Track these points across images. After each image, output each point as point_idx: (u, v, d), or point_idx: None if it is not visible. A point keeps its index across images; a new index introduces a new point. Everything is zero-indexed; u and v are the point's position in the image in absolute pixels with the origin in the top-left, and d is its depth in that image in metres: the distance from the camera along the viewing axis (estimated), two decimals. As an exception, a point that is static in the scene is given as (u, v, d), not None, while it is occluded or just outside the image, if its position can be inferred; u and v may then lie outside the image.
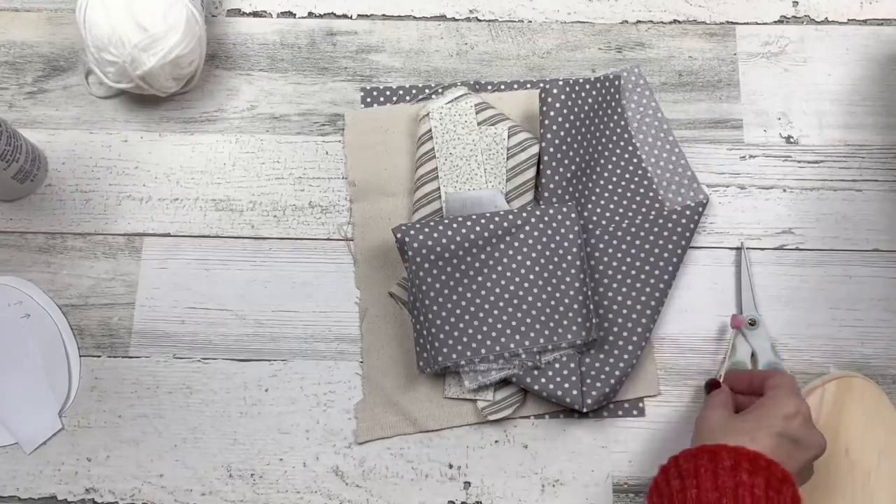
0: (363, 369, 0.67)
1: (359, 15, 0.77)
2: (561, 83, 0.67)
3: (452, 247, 0.64)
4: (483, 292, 0.65)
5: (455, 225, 0.64)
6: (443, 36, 0.76)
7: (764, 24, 0.77)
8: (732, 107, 0.74)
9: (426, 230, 0.64)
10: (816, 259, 0.70)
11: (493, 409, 0.65)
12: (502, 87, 0.74)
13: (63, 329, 0.68)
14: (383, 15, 0.77)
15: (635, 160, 0.70)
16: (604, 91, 0.70)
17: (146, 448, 0.66)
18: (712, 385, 0.62)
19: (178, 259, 0.70)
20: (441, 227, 0.64)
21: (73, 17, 0.68)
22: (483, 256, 0.65)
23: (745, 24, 0.76)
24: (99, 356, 0.68)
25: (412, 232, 0.63)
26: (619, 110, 0.72)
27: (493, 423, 0.66)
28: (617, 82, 0.72)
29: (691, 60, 0.75)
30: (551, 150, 0.67)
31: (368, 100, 0.74)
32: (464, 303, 0.64)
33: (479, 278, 0.65)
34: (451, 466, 0.65)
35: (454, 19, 0.77)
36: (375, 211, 0.71)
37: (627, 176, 0.70)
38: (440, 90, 0.74)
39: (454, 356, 0.63)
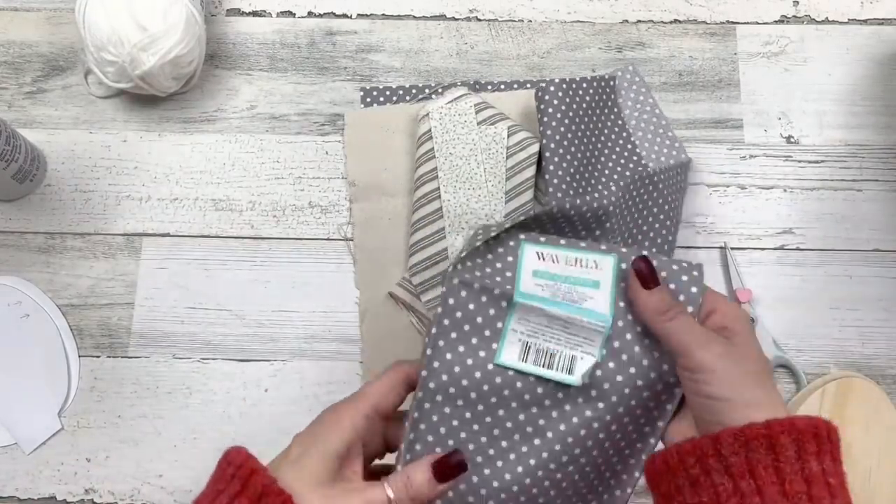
0: (363, 370, 0.67)
1: (358, 14, 0.77)
2: (557, 82, 0.67)
3: (489, 393, 0.46)
4: (503, 461, 0.46)
5: (499, 379, 0.45)
6: (442, 35, 0.76)
7: (764, 23, 0.76)
8: (733, 107, 0.74)
9: (458, 366, 0.45)
10: (817, 259, 0.70)
11: None
12: (502, 86, 0.74)
13: (62, 329, 0.68)
14: (383, 14, 0.77)
15: (635, 157, 0.70)
16: (600, 90, 0.70)
17: (145, 448, 0.66)
18: (647, 274, 0.44)
19: (177, 259, 0.70)
20: (479, 368, 0.45)
21: (73, 16, 0.68)
22: (522, 417, 0.46)
23: (745, 23, 0.76)
24: (98, 356, 0.68)
25: (439, 367, 0.45)
26: (616, 109, 0.71)
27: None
28: (612, 83, 0.71)
29: (692, 60, 0.75)
30: (552, 146, 0.66)
31: (368, 99, 0.74)
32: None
33: (504, 443, 0.46)
34: (451, 467, 0.65)
35: (454, 19, 0.77)
36: (375, 211, 0.71)
37: (628, 174, 0.70)
38: (440, 90, 0.74)
39: None
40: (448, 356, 0.45)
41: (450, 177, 0.69)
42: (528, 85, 0.74)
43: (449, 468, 0.42)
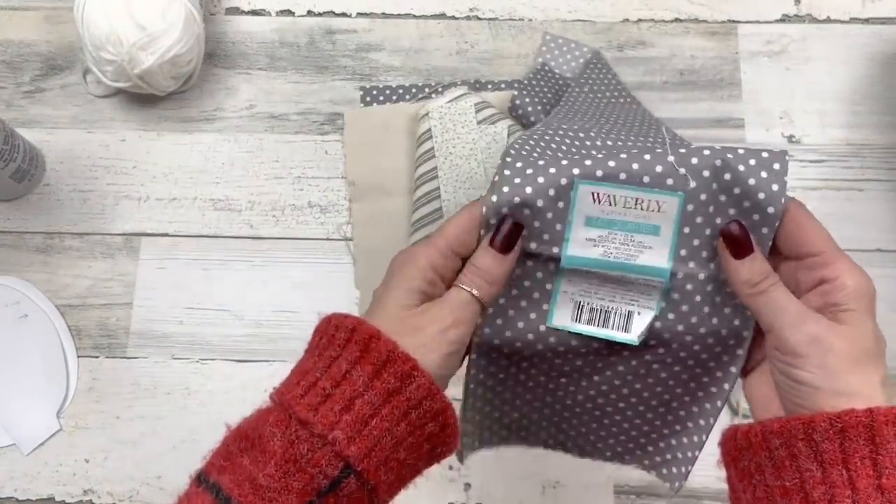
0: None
1: (358, 13, 0.77)
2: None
3: (539, 347, 0.45)
4: (554, 394, 0.48)
5: (553, 339, 0.44)
6: (443, 34, 0.76)
7: (766, 22, 0.76)
8: (734, 106, 0.74)
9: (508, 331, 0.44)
10: (818, 259, 0.70)
11: None
12: (503, 85, 0.74)
13: (61, 329, 0.67)
14: (383, 13, 0.77)
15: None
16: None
17: (144, 449, 0.65)
18: (741, 241, 0.39)
19: (176, 259, 0.70)
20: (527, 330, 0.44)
21: (71, 15, 0.68)
22: (580, 363, 0.46)
23: (746, 22, 0.76)
24: (97, 357, 0.67)
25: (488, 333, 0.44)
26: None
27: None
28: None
29: (693, 59, 0.75)
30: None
31: (368, 98, 0.74)
32: (519, 398, 0.48)
33: (555, 376, 0.47)
34: (451, 468, 0.65)
35: (454, 18, 0.77)
36: (375, 210, 0.70)
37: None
38: (440, 89, 0.73)
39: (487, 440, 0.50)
40: (498, 321, 0.43)
41: (449, 176, 0.69)
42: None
43: (507, 235, 0.40)
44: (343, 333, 0.37)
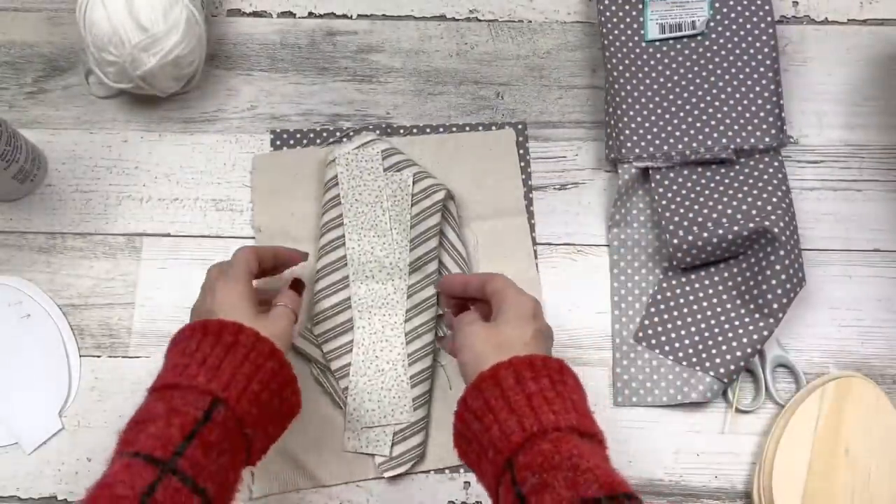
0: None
1: (359, 15, 0.77)
2: None
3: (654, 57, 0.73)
4: (677, 89, 0.72)
5: (661, 51, 0.73)
6: (443, 36, 0.76)
7: (764, 24, 0.76)
8: (732, 107, 0.74)
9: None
10: (816, 259, 0.70)
11: (391, 465, 0.64)
12: (414, 130, 0.73)
13: (63, 329, 0.68)
14: (383, 15, 0.77)
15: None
16: None
17: (146, 448, 0.65)
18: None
19: (177, 259, 0.70)
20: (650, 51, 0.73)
21: (74, 16, 0.68)
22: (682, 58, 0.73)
23: (745, 24, 0.76)
24: (99, 356, 0.68)
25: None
26: None
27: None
28: None
29: (691, 60, 0.75)
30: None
31: (278, 142, 0.73)
32: (656, 97, 0.72)
33: (681, 70, 0.72)
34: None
35: (454, 19, 0.77)
36: None
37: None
38: (350, 133, 0.73)
39: (637, 150, 0.70)
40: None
41: (354, 224, 0.68)
42: (441, 129, 0.73)
43: (296, 286, 0.60)
44: (186, 331, 0.51)
